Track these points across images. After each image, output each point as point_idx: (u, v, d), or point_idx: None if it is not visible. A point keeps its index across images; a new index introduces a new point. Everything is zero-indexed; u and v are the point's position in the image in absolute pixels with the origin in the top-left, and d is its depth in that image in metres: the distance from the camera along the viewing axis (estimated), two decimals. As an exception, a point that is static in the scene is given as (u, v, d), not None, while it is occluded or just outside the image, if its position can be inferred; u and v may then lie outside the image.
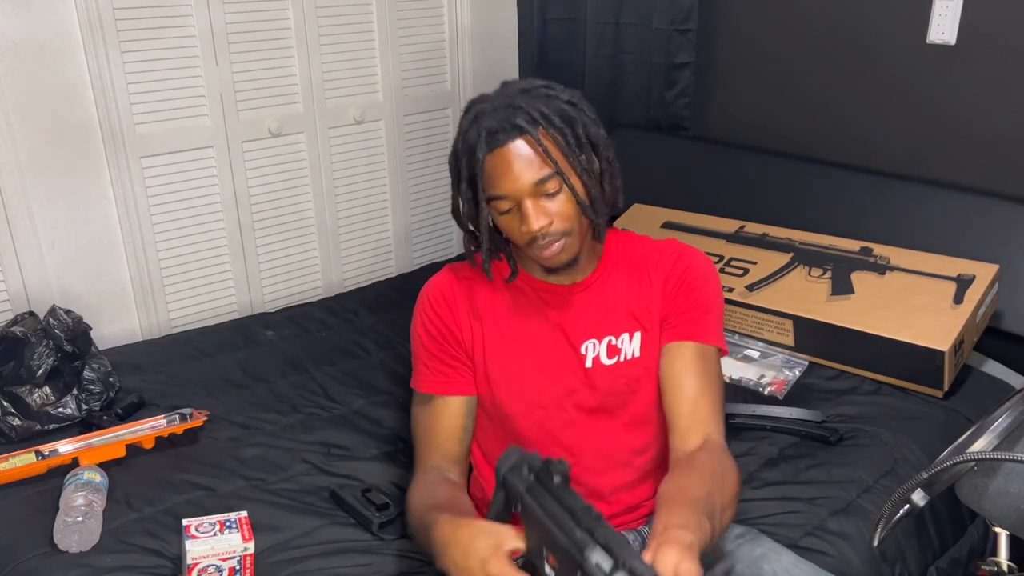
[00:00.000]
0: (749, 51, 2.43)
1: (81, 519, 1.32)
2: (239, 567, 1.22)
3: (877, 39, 2.16)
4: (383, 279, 2.54)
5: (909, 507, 1.04)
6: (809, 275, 1.97)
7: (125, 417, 1.70)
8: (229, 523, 1.24)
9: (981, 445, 1.01)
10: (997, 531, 1.07)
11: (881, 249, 1.98)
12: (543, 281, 1.28)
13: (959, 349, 1.75)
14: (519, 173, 1.12)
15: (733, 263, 2.07)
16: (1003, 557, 1.07)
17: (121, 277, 2.12)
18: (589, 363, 1.27)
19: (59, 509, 1.36)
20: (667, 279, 1.27)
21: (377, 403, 1.84)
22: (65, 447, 1.52)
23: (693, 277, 1.26)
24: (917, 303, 1.81)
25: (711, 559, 1.20)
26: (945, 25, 2.02)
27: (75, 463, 1.49)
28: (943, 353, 1.70)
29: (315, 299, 2.40)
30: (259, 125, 2.26)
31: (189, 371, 1.93)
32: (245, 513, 1.27)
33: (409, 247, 2.70)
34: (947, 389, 1.76)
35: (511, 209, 1.16)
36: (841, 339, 1.83)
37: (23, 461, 1.49)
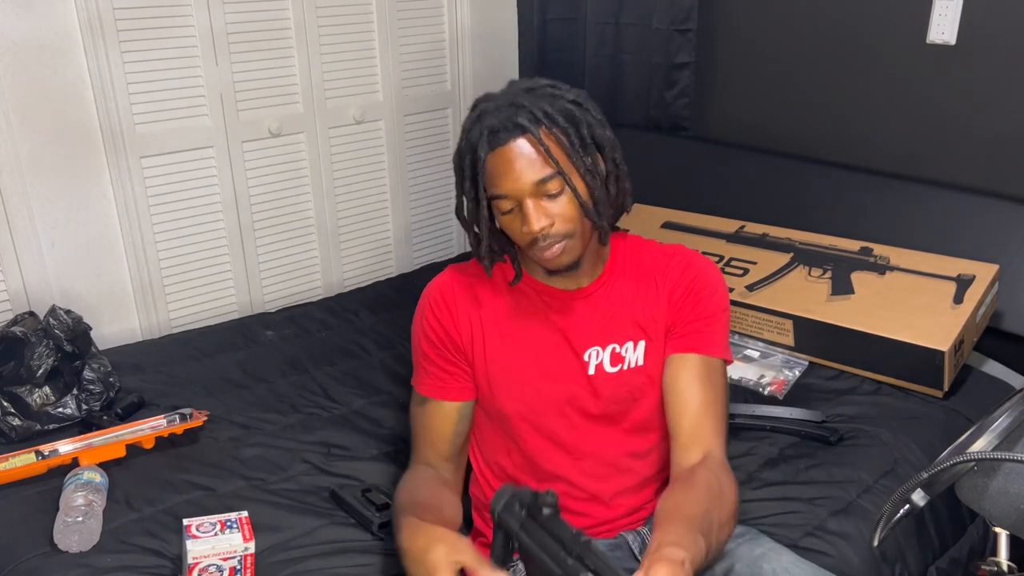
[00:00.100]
0: (749, 51, 2.43)
1: (81, 519, 1.32)
2: (240, 567, 1.22)
3: (877, 39, 2.16)
4: (383, 279, 2.54)
5: (909, 507, 1.04)
6: (809, 275, 1.97)
7: (125, 417, 1.70)
8: (230, 523, 1.24)
9: (981, 445, 1.00)
10: (997, 531, 1.07)
11: (881, 249, 1.98)
12: (546, 285, 1.27)
13: (959, 349, 1.75)
14: (520, 172, 1.11)
15: (733, 263, 2.07)
16: (1003, 557, 1.07)
17: (121, 277, 2.12)
18: (592, 370, 1.25)
19: (59, 509, 1.35)
20: (674, 288, 1.25)
21: (377, 403, 1.84)
22: (65, 447, 1.52)
23: (701, 287, 1.24)
24: (917, 303, 1.81)
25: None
26: (945, 25, 2.02)
27: (75, 463, 1.49)
28: (943, 353, 1.70)
29: (315, 299, 2.40)
30: (259, 125, 2.26)
31: (189, 371, 1.93)
32: (246, 513, 1.27)
33: (409, 247, 2.70)
34: (947, 389, 1.76)
35: (513, 209, 1.15)
36: (841, 339, 1.83)
37: (23, 461, 1.49)
